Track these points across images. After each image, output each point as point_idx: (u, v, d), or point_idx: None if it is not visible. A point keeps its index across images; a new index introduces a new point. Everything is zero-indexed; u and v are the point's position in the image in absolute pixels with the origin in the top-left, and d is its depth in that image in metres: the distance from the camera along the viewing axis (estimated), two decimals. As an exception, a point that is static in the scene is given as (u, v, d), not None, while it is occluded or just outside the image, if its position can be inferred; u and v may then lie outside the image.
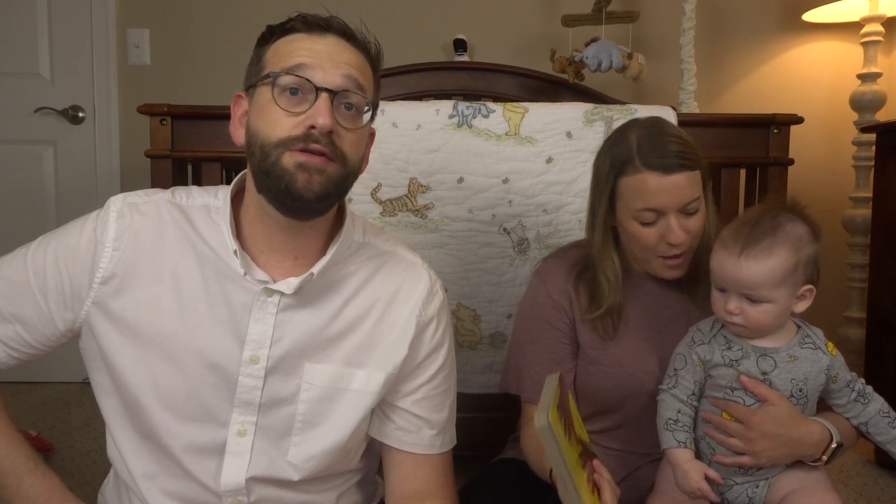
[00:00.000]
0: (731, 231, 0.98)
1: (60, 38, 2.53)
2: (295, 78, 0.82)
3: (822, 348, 0.99)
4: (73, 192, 2.56)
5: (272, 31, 0.87)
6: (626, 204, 1.06)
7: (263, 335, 0.87)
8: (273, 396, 0.88)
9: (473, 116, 1.55)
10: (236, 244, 0.86)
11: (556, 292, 1.16)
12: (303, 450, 0.90)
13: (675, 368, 1.03)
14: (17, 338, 0.89)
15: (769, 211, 0.97)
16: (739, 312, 0.96)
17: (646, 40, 2.52)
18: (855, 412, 1.01)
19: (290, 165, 0.81)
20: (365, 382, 0.91)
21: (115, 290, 0.87)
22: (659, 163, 1.02)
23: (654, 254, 1.08)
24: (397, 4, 2.56)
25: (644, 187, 1.03)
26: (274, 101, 0.82)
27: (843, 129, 2.50)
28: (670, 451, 0.99)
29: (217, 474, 0.88)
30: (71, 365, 2.46)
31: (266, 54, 0.86)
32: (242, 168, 0.92)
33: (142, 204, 0.91)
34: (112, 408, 0.91)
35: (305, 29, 0.85)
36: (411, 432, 0.96)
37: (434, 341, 0.96)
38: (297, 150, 0.81)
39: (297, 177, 0.81)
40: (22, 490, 0.87)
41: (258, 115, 0.84)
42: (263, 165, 0.83)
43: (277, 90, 0.82)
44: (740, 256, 0.94)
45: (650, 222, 1.05)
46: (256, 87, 0.85)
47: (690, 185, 1.04)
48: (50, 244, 0.90)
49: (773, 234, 0.94)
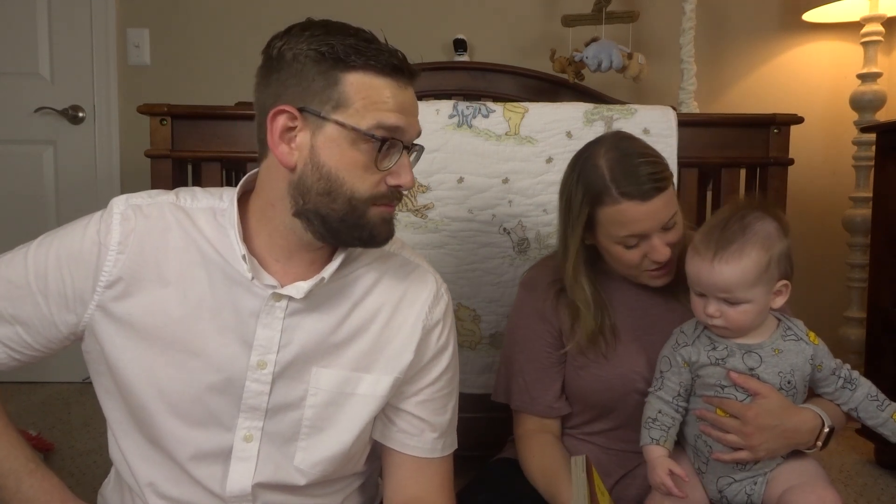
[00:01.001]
0: (702, 236, 0.99)
1: (60, 38, 2.53)
2: (391, 139, 0.82)
3: (805, 339, 1.01)
4: (73, 192, 2.56)
5: (348, 55, 0.80)
6: (607, 231, 1.06)
7: (271, 340, 0.87)
8: (280, 401, 0.88)
9: (473, 116, 1.55)
10: (244, 249, 0.85)
11: (540, 301, 1.17)
12: (310, 455, 0.90)
13: (661, 371, 1.05)
14: (18, 339, 0.88)
15: (736, 212, 0.99)
16: (720, 315, 0.97)
17: (646, 40, 2.52)
18: (844, 398, 1.03)
19: (377, 219, 0.85)
20: (372, 387, 0.91)
21: (119, 294, 0.86)
22: (636, 191, 1.01)
23: (639, 270, 1.09)
24: (397, 4, 2.56)
25: (624, 217, 1.03)
26: (368, 156, 0.82)
27: (843, 129, 2.50)
28: (645, 447, 1.02)
29: (223, 480, 0.88)
30: (71, 365, 2.46)
31: (344, 85, 0.81)
32: (242, 168, 0.92)
33: (146, 206, 0.89)
34: (116, 411, 0.91)
35: (394, 74, 0.82)
36: (413, 435, 0.96)
37: (439, 344, 0.96)
38: (384, 206, 0.85)
39: (381, 229, 0.86)
40: (22, 491, 0.86)
41: (340, 161, 0.82)
42: (350, 218, 0.83)
43: (367, 145, 0.81)
44: (713, 261, 0.96)
45: (633, 245, 1.06)
46: (329, 122, 0.81)
47: (667, 205, 1.04)
48: (52, 245, 0.88)
49: (743, 235, 0.96)
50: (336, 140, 0.81)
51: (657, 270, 1.08)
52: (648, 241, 1.05)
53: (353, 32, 0.83)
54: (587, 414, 1.17)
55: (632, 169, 1.03)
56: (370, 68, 0.81)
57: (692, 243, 1.01)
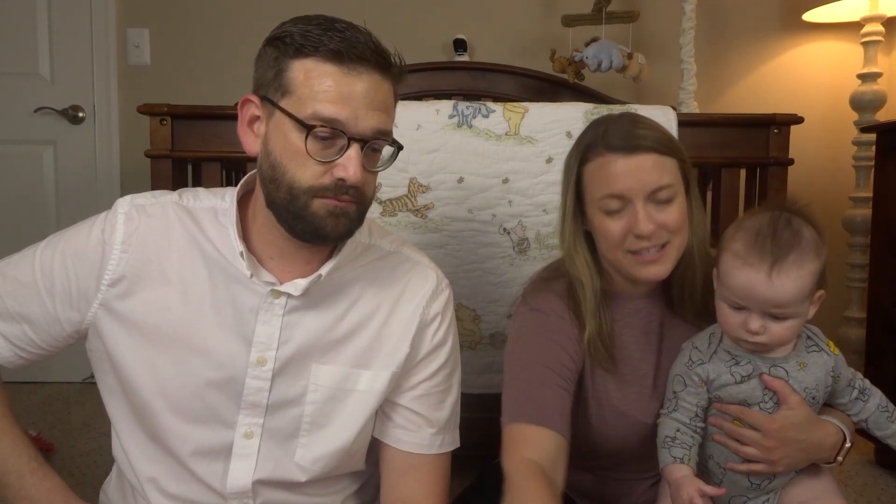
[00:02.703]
0: (745, 244, 0.89)
1: (60, 38, 2.53)
2: (329, 130, 0.79)
3: (826, 349, 0.96)
4: (73, 192, 2.56)
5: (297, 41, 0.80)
6: (591, 195, 0.98)
7: (270, 337, 0.87)
8: (280, 398, 0.89)
9: (473, 116, 1.55)
10: (242, 246, 0.86)
11: (555, 315, 1.04)
12: (310, 451, 0.90)
13: (675, 391, 0.96)
14: (24, 337, 0.89)
15: (779, 217, 0.90)
16: (763, 332, 0.89)
17: (646, 40, 2.52)
18: (856, 409, 0.98)
19: (321, 211, 0.82)
20: (371, 382, 0.92)
21: (122, 292, 0.87)
22: (621, 144, 0.95)
23: (622, 250, 0.97)
24: (397, 4, 2.56)
25: (605, 171, 0.95)
26: (304, 146, 0.79)
27: (843, 129, 2.50)
28: (666, 467, 0.94)
29: (223, 476, 0.88)
30: (71, 365, 2.46)
31: (291, 72, 0.80)
32: (242, 168, 0.92)
33: (149, 206, 0.90)
34: (119, 409, 0.91)
35: (339, 60, 0.79)
36: (411, 431, 0.95)
37: (436, 339, 0.96)
38: (327, 198, 0.82)
39: (326, 222, 0.82)
40: (24, 490, 0.87)
41: (284, 150, 0.81)
42: (292, 207, 0.82)
43: (310, 138, 0.79)
44: (772, 274, 0.86)
45: (615, 210, 0.96)
46: (277, 109, 0.81)
47: (658, 169, 0.94)
48: (58, 245, 0.89)
49: (799, 244, 0.87)
50: (281, 128, 0.82)
51: (646, 256, 0.96)
52: (632, 208, 0.95)
53: (321, 21, 0.81)
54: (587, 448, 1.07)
55: (623, 127, 0.97)
56: (315, 54, 0.79)
57: (729, 250, 0.90)
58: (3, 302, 0.89)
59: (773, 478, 0.96)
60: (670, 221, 0.96)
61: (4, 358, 0.90)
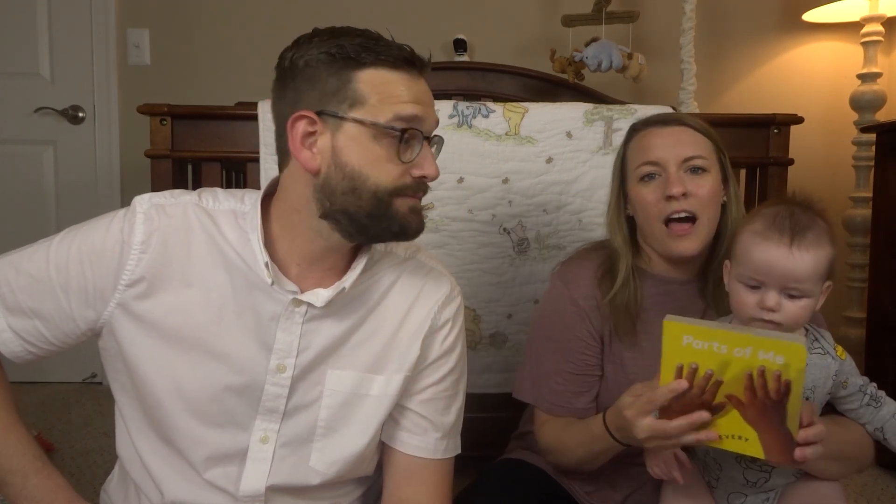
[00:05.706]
0: (765, 223, 0.92)
1: (60, 38, 2.53)
2: (413, 131, 0.83)
3: (831, 353, 0.95)
4: (73, 192, 2.57)
5: (357, 54, 0.82)
6: (630, 168, 1.08)
7: (290, 345, 0.87)
8: (297, 404, 0.89)
9: (473, 116, 1.55)
10: (267, 256, 0.85)
11: (583, 298, 1.10)
12: (325, 455, 0.91)
13: None
14: (36, 333, 0.88)
15: (795, 206, 0.94)
16: (779, 309, 0.90)
17: (646, 40, 2.52)
18: (868, 417, 0.97)
19: (403, 209, 0.85)
20: (384, 387, 0.92)
21: (141, 293, 0.86)
22: (659, 118, 1.08)
23: (658, 220, 1.03)
24: (397, 5, 2.56)
25: (643, 142, 1.07)
26: (385, 150, 0.82)
27: (843, 129, 2.50)
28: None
29: (237, 480, 0.88)
30: (71, 365, 2.47)
31: (359, 83, 0.82)
32: (242, 168, 0.92)
33: (169, 206, 0.89)
34: (131, 409, 0.91)
35: (402, 67, 0.83)
36: (417, 434, 0.96)
37: (446, 344, 0.97)
38: (407, 196, 0.85)
39: (411, 220, 0.86)
40: (28, 489, 0.86)
41: (362, 158, 0.82)
42: (376, 211, 0.83)
43: (388, 139, 0.82)
44: (792, 247, 0.88)
45: (651, 176, 1.05)
46: (346, 121, 0.82)
47: (692, 141, 1.04)
48: (74, 240, 0.87)
49: (816, 226, 0.91)
50: (356, 138, 0.82)
51: (678, 229, 1.02)
52: (666, 174, 1.03)
53: (360, 32, 0.84)
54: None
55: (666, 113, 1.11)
56: (381, 63, 0.82)
57: (749, 230, 0.93)
58: (16, 297, 0.87)
59: (770, 477, 0.96)
60: (701, 192, 1.02)
61: (13, 353, 0.89)
